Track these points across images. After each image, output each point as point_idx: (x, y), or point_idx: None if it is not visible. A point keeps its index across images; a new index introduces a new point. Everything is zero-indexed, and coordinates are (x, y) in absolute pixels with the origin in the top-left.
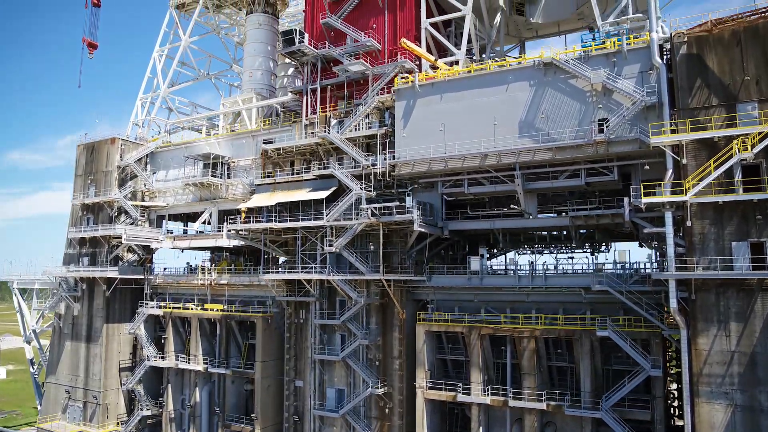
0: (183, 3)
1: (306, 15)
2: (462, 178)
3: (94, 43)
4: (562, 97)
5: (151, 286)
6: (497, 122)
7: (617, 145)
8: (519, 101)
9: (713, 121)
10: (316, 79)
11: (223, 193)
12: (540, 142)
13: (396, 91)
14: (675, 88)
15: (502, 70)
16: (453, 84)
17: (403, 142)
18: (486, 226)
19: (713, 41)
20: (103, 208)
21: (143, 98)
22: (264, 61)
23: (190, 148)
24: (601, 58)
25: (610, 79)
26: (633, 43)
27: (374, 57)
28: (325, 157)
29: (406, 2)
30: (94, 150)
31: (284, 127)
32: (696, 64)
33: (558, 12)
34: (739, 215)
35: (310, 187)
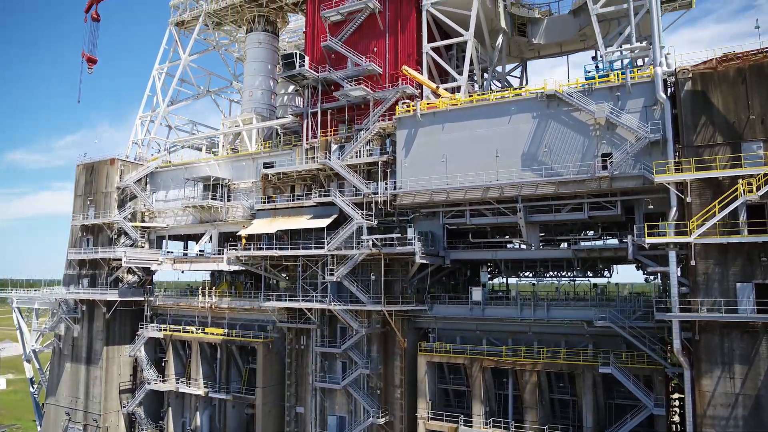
0: (182, 21)
1: (306, 37)
2: (464, 209)
3: (94, 58)
4: (565, 129)
5: (152, 308)
6: (499, 154)
7: (621, 181)
8: (521, 133)
9: (718, 160)
10: (317, 103)
11: (224, 215)
12: (543, 176)
13: (397, 120)
14: (679, 125)
15: (505, 101)
16: (455, 114)
17: (404, 172)
18: (488, 256)
19: (718, 78)
20: (102, 230)
21: (143, 117)
22: (264, 80)
23: (190, 169)
24: (604, 91)
25: (614, 114)
26: (637, 77)
27: (375, 81)
28: (325, 183)
29: (408, 26)
30: (94, 170)
31: (284, 150)
32: (700, 101)
33: (560, 33)
34: (744, 256)
35: (311, 213)
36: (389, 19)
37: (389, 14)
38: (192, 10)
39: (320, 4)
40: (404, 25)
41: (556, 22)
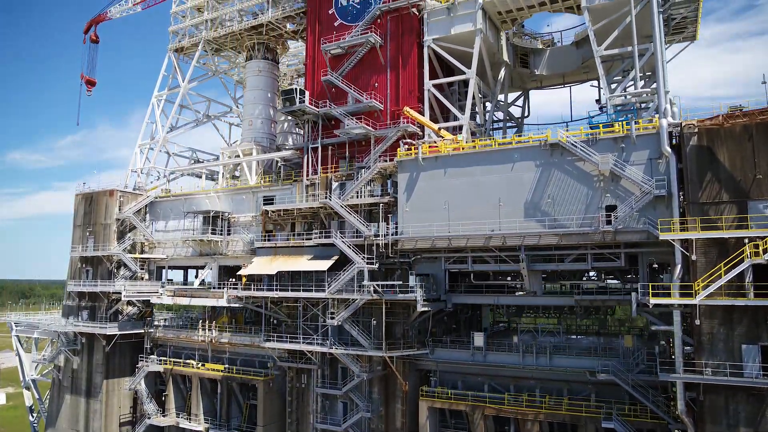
0: (182, 47)
1: (306, 69)
2: (466, 255)
3: (93, 80)
4: (569, 179)
5: (152, 339)
6: (502, 202)
7: (625, 234)
8: (525, 181)
9: (724, 219)
10: (317, 137)
11: (224, 249)
12: (546, 227)
13: (399, 163)
14: (685, 180)
15: (508, 148)
16: (457, 159)
17: (406, 217)
18: (490, 301)
19: (724, 134)
20: (102, 261)
21: (142, 144)
22: (264, 108)
23: (190, 200)
24: (608, 141)
25: (618, 166)
26: (642, 129)
27: (376, 117)
28: (326, 220)
29: (409, 61)
30: (93, 201)
31: (285, 185)
32: (706, 156)
33: (563, 65)
34: (750, 317)
35: (312, 254)
36: (390, 53)
37: (390, 49)
38: (191, 37)
39: (320, 37)
40: (405, 61)
41: (558, 53)
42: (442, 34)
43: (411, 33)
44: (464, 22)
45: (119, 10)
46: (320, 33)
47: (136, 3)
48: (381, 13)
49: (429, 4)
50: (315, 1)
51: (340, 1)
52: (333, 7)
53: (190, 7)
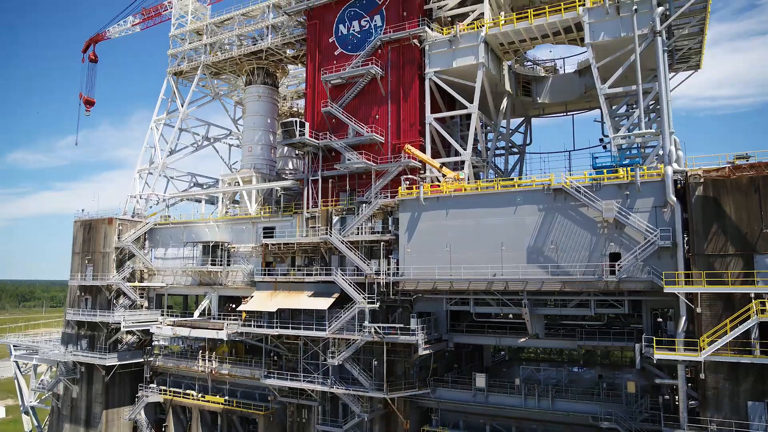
0: (181, 71)
1: (307, 99)
2: (468, 297)
3: (91, 100)
4: (572, 225)
5: (152, 368)
6: (505, 246)
7: (629, 283)
8: (527, 225)
9: (730, 274)
10: (318, 169)
11: (224, 279)
12: (549, 273)
13: (400, 202)
14: (690, 230)
15: (511, 191)
16: (459, 201)
17: (407, 258)
18: (492, 342)
19: (730, 186)
20: (101, 290)
21: (141, 169)
22: (264, 134)
23: (189, 228)
24: (613, 187)
25: (622, 214)
26: (647, 175)
27: (377, 150)
28: (327, 255)
29: (410, 93)
30: (92, 228)
31: (285, 217)
32: (712, 207)
33: (565, 94)
34: (756, 374)
35: (312, 290)
36: (391, 85)
37: (391, 80)
38: (190, 61)
39: (321, 65)
40: (407, 93)
41: (560, 81)
42: (443, 66)
43: (412, 64)
44: (466, 55)
45: (118, 30)
46: (320, 61)
47: (135, 24)
48: (382, 43)
49: (430, 36)
50: (315, 29)
51: (341, 29)
52: (333, 36)
53: (189, 30)
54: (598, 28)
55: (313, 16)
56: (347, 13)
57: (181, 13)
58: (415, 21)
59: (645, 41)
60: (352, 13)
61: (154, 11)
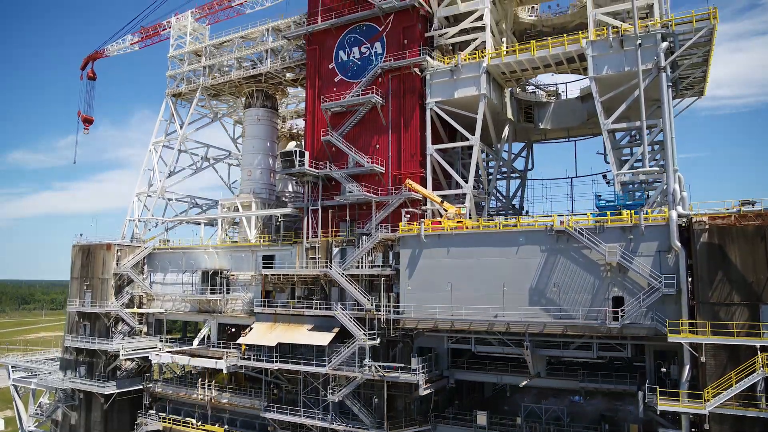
0: (179, 92)
1: (306, 125)
2: (469, 336)
3: (90, 118)
4: (575, 267)
5: (151, 394)
6: (507, 286)
7: (632, 329)
8: (530, 266)
9: (735, 324)
10: (317, 198)
11: (223, 307)
12: (551, 315)
13: (401, 238)
14: (695, 278)
15: (512, 231)
16: (460, 239)
17: (408, 295)
18: (493, 379)
19: (736, 233)
20: (99, 317)
21: (140, 193)
22: (263, 158)
23: (188, 253)
24: (616, 230)
25: (626, 258)
26: (651, 219)
27: (377, 181)
28: (326, 286)
29: (411, 123)
30: (90, 254)
31: (285, 246)
32: (717, 255)
33: (567, 120)
34: (761, 426)
35: (312, 323)
36: (392, 114)
37: (392, 109)
38: (189, 82)
39: (320, 91)
40: (407, 122)
41: (563, 107)
42: (444, 97)
43: (413, 93)
44: (468, 86)
45: (117, 48)
46: (320, 87)
47: (134, 42)
48: (382, 71)
49: (431, 65)
50: (314, 55)
51: (341, 55)
52: (333, 62)
53: (188, 51)
54: (602, 62)
55: (312, 42)
56: (347, 39)
57: (179, 34)
58: (416, 49)
59: (649, 76)
60: (352, 40)
61: (152, 30)
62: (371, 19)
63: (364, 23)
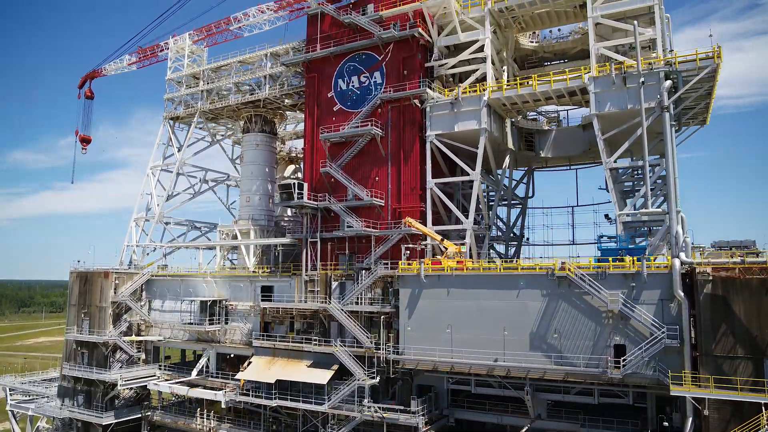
0: (177, 116)
1: (305, 155)
2: (469, 378)
3: (88, 138)
4: (576, 313)
5: (149, 423)
6: (507, 330)
7: (634, 378)
8: (530, 311)
9: (739, 379)
10: (317, 230)
11: (221, 337)
12: (552, 361)
13: (400, 278)
14: (698, 330)
15: (513, 274)
16: (460, 280)
17: (407, 336)
18: (493, 419)
19: (740, 286)
20: (97, 345)
21: (137, 218)
22: (262, 184)
23: (186, 281)
24: (618, 277)
25: (628, 307)
26: (654, 266)
27: (377, 214)
28: (326, 321)
29: (411, 156)
30: (88, 281)
31: (283, 277)
32: (721, 307)
33: (568, 148)
34: None
35: (311, 359)
36: (391, 145)
37: (391, 140)
38: (187, 106)
39: (319, 120)
40: (407, 155)
41: (564, 135)
42: (445, 130)
43: (413, 125)
44: (468, 119)
45: (114, 68)
46: (319, 116)
47: (132, 63)
48: (382, 102)
49: (431, 97)
50: (313, 83)
51: (340, 84)
52: (332, 91)
53: (186, 75)
54: (604, 98)
55: (311, 69)
56: (346, 67)
57: (177, 56)
58: (416, 80)
59: (652, 114)
60: (351, 68)
61: (150, 51)
62: (370, 48)
63: (364, 52)
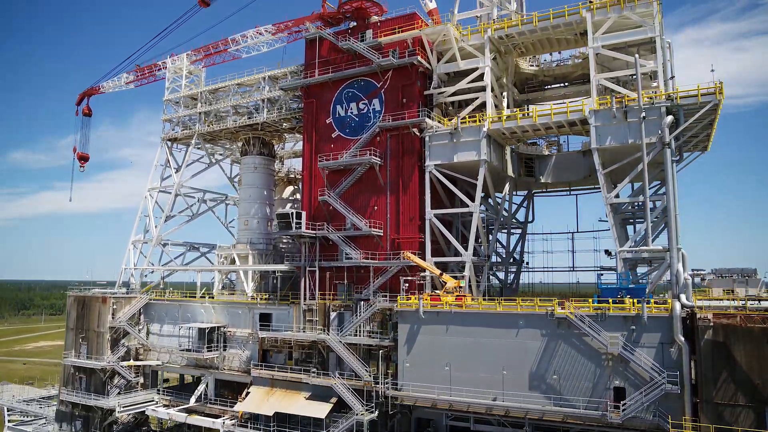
0: (175, 137)
1: (304, 183)
2: (468, 414)
3: (86, 155)
4: (576, 354)
5: None
6: (506, 370)
7: (634, 422)
8: (530, 350)
9: (740, 428)
10: (315, 258)
11: (220, 364)
12: (551, 402)
13: (399, 313)
14: (698, 376)
15: (512, 313)
16: (459, 317)
17: (406, 372)
18: None
19: (742, 333)
20: (95, 371)
21: (135, 240)
22: (260, 207)
23: (185, 306)
24: (618, 319)
25: (627, 350)
26: (654, 309)
27: (375, 243)
28: (324, 351)
29: (410, 186)
30: (86, 305)
31: (282, 306)
32: (722, 354)
33: (569, 174)
34: None
35: (310, 391)
36: (390, 174)
37: (390, 169)
38: (185, 127)
39: (317, 146)
40: (406, 184)
41: (564, 161)
42: (444, 160)
43: (412, 154)
44: (468, 150)
45: (112, 86)
46: (317, 142)
47: (129, 82)
48: (380, 130)
49: (430, 126)
50: (311, 108)
51: (338, 110)
52: (330, 117)
53: (184, 96)
54: (605, 132)
55: (309, 94)
56: (345, 93)
57: (175, 76)
58: (414, 108)
59: (653, 150)
60: (349, 94)
61: (148, 71)
62: (369, 74)
63: (362, 78)
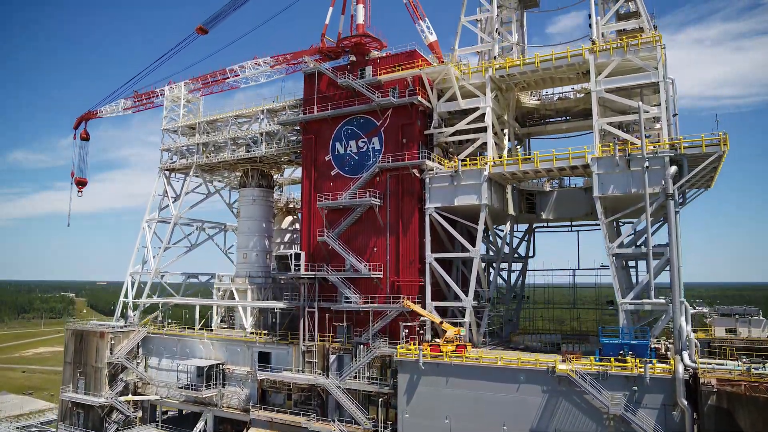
0: (173, 167)
1: (303, 221)
2: None
3: (84, 180)
4: (577, 412)
5: None
6: (506, 425)
7: None
8: (531, 406)
9: None
10: (314, 298)
11: (219, 401)
12: None
13: (399, 363)
14: None
15: (513, 368)
16: (459, 369)
17: (406, 423)
18: None
19: (746, 402)
20: (93, 407)
21: (133, 272)
22: (259, 240)
23: (183, 341)
24: (620, 378)
25: (629, 410)
26: (656, 370)
27: (375, 286)
28: (323, 394)
29: (410, 228)
30: (83, 339)
31: (281, 345)
32: (725, 420)
33: (570, 210)
34: None
35: None
36: (390, 215)
37: (390, 210)
38: (183, 157)
39: (317, 185)
40: (406, 226)
41: (566, 197)
42: (444, 203)
43: (412, 195)
44: (468, 193)
45: (110, 110)
46: (316, 179)
47: (127, 108)
48: (380, 170)
49: (430, 168)
50: (310, 144)
51: (337, 147)
52: (329, 154)
53: (182, 126)
54: (607, 181)
55: (308, 130)
56: (344, 131)
57: (173, 105)
58: (414, 149)
59: (656, 200)
60: (349, 132)
61: (146, 97)
62: (368, 112)
63: (362, 116)
